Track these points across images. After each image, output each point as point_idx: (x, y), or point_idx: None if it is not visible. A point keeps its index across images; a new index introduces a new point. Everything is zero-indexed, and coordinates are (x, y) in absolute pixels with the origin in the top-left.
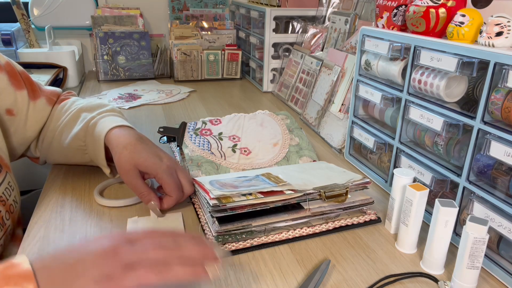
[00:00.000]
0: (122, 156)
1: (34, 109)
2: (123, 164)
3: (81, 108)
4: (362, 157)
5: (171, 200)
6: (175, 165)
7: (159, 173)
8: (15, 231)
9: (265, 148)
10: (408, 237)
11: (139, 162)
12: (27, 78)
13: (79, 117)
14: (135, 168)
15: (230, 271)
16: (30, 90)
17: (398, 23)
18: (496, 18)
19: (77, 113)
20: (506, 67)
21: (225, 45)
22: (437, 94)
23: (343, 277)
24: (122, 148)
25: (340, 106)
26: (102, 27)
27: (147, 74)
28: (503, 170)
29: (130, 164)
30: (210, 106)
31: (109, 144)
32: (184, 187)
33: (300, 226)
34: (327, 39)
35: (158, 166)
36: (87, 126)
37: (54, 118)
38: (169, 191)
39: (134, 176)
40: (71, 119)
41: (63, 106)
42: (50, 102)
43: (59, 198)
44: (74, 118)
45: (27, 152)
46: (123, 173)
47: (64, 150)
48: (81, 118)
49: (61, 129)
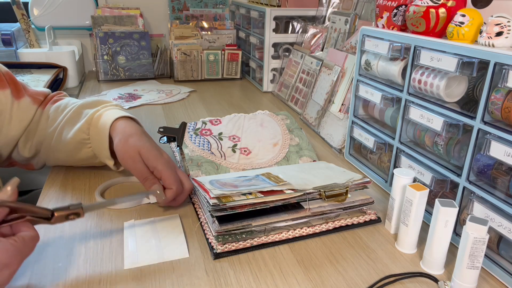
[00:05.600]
0: (128, 142)
1: (19, 108)
2: (128, 149)
3: (82, 105)
4: (362, 157)
5: (171, 192)
6: (174, 163)
7: (159, 165)
8: None
9: (265, 148)
10: (408, 237)
11: (143, 150)
12: (11, 78)
13: (81, 113)
14: (139, 155)
15: (230, 271)
16: (14, 90)
17: (398, 23)
18: (496, 18)
19: (79, 109)
20: (506, 67)
21: (225, 45)
22: (437, 94)
23: (343, 277)
24: (128, 135)
25: (340, 106)
26: (102, 27)
27: (147, 74)
28: (503, 170)
29: (135, 150)
30: (210, 106)
31: (114, 132)
32: (184, 182)
33: (300, 226)
34: (327, 39)
35: (159, 158)
36: (91, 119)
37: (50, 118)
38: (169, 183)
39: (139, 163)
40: (72, 116)
41: (59, 106)
42: (35, 102)
43: (59, 198)
44: (75, 114)
45: (16, 156)
46: (128, 157)
47: (66, 145)
48: (84, 114)
49: (61, 126)
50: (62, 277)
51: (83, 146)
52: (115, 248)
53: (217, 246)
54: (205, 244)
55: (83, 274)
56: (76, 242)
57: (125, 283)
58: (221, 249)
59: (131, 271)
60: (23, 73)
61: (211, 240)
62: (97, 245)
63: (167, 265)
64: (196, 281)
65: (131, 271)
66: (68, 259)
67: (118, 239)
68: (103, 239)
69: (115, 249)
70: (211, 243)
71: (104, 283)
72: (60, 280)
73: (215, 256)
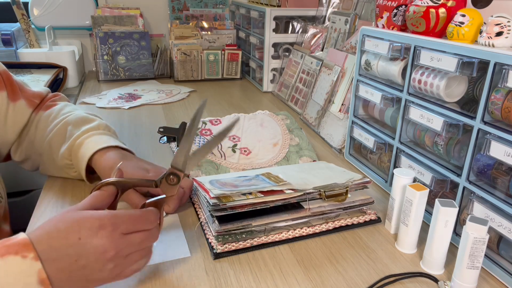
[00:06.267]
0: None
1: (14, 110)
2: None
3: (67, 121)
4: (362, 157)
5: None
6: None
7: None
8: (1, 226)
9: (265, 148)
10: (408, 237)
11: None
12: (8, 79)
13: (66, 132)
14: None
15: (230, 271)
16: (10, 91)
17: (398, 23)
18: (496, 18)
19: (64, 126)
20: (506, 67)
21: (225, 45)
22: (437, 94)
23: (343, 277)
24: (109, 170)
25: (340, 106)
26: (102, 27)
27: (147, 74)
28: (503, 170)
29: None
30: (210, 106)
31: (95, 167)
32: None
33: (300, 226)
34: (327, 39)
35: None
36: (72, 146)
37: (40, 125)
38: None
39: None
40: (57, 133)
41: (50, 114)
42: (30, 105)
43: (59, 198)
44: (60, 132)
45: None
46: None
47: (55, 166)
48: (68, 134)
49: (49, 142)
50: None
51: (69, 169)
52: None
53: (217, 246)
54: (205, 244)
55: None
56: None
57: (125, 283)
58: (221, 249)
59: None
60: (23, 73)
61: (211, 240)
62: None
63: (167, 265)
64: (196, 281)
65: None
66: None
67: None
68: None
69: None
70: (211, 243)
71: None
72: None
73: (215, 256)
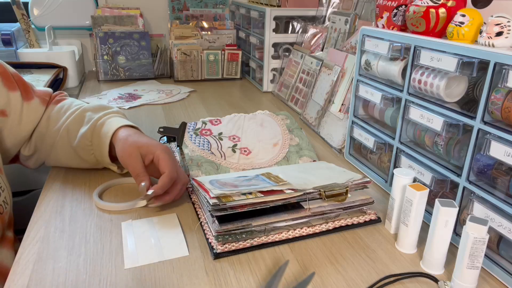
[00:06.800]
0: (127, 142)
1: (28, 109)
2: (127, 148)
3: (85, 109)
4: (362, 157)
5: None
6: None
7: (157, 151)
8: (5, 233)
9: (265, 148)
10: (408, 237)
11: (141, 144)
12: (20, 79)
13: (84, 117)
14: (137, 150)
15: (230, 271)
16: (23, 91)
17: (398, 23)
18: (496, 18)
19: (82, 113)
20: (506, 67)
21: (225, 45)
22: (437, 94)
23: (343, 277)
24: (127, 136)
25: (340, 106)
26: (102, 27)
27: (147, 74)
28: (503, 170)
29: (133, 147)
30: (210, 106)
31: (116, 140)
32: (179, 174)
33: (300, 226)
34: (327, 39)
35: (158, 145)
36: (94, 126)
37: (52, 119)
38: (164, 166)
39: (135, 158)
40: (76, 119)
41: (62, 107)
42: (43, 102)
43: (59, 198)
44: (79, 118)
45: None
46: (126, 156)
47: (71, 150)
48: (87, 119)
49: (65, 129)
50: (62, 277)
51: (86, 152)
52: (115, 248)
53: (217, 246)
54: (205, 244)
55: (83, 274)
56: (76, 242)
57: (125, 283)
58: (221, 249)
59: (131, 271)
60: (23, 73)
61: (211, 240)
62: (97, 245)
63: (167, 265)
64: (196, 281)
65: (131, 271)
66: (68, 259)
67: (118, 239)
68: (103, 239)
69: (115, 249)
70: (211, 243)
71: (104, 283)
72: (60, 280)
73: (215, 256)
